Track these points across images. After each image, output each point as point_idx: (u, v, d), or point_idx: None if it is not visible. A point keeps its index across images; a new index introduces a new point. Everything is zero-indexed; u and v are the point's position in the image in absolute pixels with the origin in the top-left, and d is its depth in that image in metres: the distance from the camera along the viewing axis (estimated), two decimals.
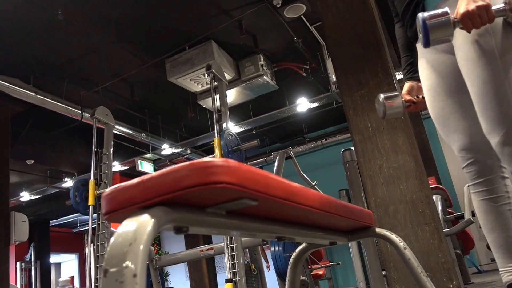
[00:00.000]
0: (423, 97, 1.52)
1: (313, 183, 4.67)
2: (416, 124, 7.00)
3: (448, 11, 1.09)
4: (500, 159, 1.18)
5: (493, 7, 1.07)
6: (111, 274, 0.52)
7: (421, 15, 1.10)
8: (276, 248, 3.88)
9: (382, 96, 1.44)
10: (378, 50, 3.46)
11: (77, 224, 13.01)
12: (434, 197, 4.16)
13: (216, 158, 0.62)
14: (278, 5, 4.52)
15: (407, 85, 1.54)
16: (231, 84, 5.48)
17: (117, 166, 8.07)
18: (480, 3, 1.05)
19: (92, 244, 3.68)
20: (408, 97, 1.51)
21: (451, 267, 3.25)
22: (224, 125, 3.74)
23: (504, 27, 1.16)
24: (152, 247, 7.14)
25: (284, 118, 7.18)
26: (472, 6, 1.05)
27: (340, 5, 3.53)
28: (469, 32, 1.12)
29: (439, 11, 1.10)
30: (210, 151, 8.40)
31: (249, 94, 5.80)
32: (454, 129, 1.34)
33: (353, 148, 5.20)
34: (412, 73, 1.47)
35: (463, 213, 5.21)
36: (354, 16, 3.55)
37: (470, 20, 1.06)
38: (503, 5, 1.07)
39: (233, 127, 7.08)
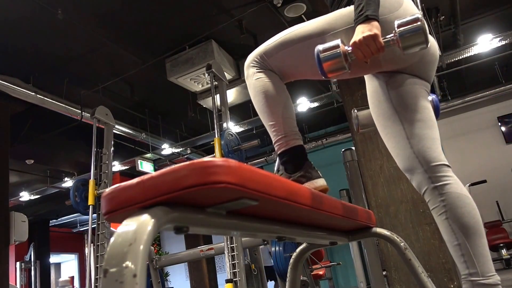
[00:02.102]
0: None
1: None
2: None
3: (340, 44, 1.13)
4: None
5: (383, 38, 1.11)
6: (111, 274, 0.51)
7: (317, 47, 1.15)
8: (277, 248, 3.88)
9: (355, 111, 1.46)
10: None
11: (77, 224, 13.01)
12: None
13: (216, 158, 0.62)
14: (279, 5, 4.52)
15: None
16: (232, 83, 5.47)
17: (117, 166, 8.07)
18: (367, 33, 1.10)
19: (92, 244, 3.68)
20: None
21: (451, 267, 3.25)
22: (225, 124, 3.74)
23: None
24: (152, 247, 7.15)
25: None
26: (359, 37, 1.10)
27: None
28: (366, 62, 1.16)
29: (332, 43, 1.14)
30: (210, 151, 8.40)
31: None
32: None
33: (353, 148, 5.20)
34: None
35: None
36: None
37: (359, 50, 1.11)
38: (392, 35, 1.10)
39: (233, 127, 7.07)
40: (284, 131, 1.31)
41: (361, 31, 1.11)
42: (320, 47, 1.15)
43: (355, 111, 1.50)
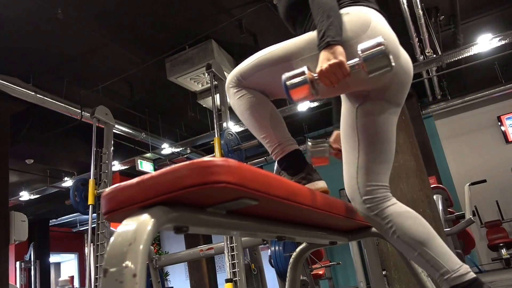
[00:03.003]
0: None
1: None
2: (416, 123, 7.00)
3: (306, 71, 1.13)
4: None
5: (348, 63, 1.11)
6: (111, 273, 0.51)
7: (283, 75, 1.15)
8: (276, 248, 3.88)
9: (309, 143, 1.48)
10: None
11: (76, 223, 13.01)
12: (434, 196, 4.17)
13: (216, 158, 0.62)
14: None
15: (334, 133, 1.61)
16: None
17: (117, 166, 8.07)
18: (333, 61, 1.10)
19: (92, 244, 3.68)
20: (334, 145, 1.56)
21: None
22: (224, 124, 3.74)
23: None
24: (152, 247, 7.14)
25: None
26: (325, 65, 1.11)
27: None
28: (333, 86, 1.16)
29: (298, 71, 1.14)
30: (210, 150, 8.40)
31: None
32: None
33: None
34: (339, 122, 1.50)
35: (464, 213, 5.21)
36: None
37: (326, 78, 1.12)
38: (357, 59, 1.10)
39: (233, 127, 7.07)
40: (277, 140, 1.34)
41: (326, 58, 1.11)
42: (286, 74, 1.15)
43: (309, 143, 1.49)
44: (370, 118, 1.29)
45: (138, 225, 0.55)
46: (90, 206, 3.86)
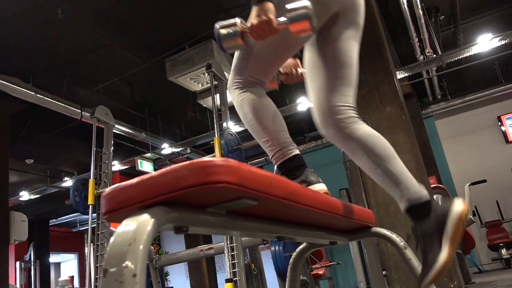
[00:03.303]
0: (300, 72, 1.63)
1: None
2: (416, 123, 7.00)
3: (238, 22, 1.19)
4: None
5: (277, 21, 1.17)
6: (111, 274, 0.51)
7: (217, 24, 1.22)
8: (276, 248, 3.88)
9: (217, 25, 1.48)
10: (379, 49, 3.46)
11: (76, 223, 13.01)
12: (435, 196, 4.15)
13: (216, 158, 0.62)
14: None
15: None
16: None
17: (117, 166, 8.07)
18: (263, 18, 1.16)
19: (91, 244, 3.68)
20: (283, 70, 1.63)
21: (452, 267, 3.25)
22: (224, 124, 3.74)
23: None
24: (152, 247, 7.14)
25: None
26: (255, 21, 1.18)
27: None
28: (261, 40, 1.23)
29: (231, 21, 1.20)
30: (210, 150, 8.40)
31: None
32: None
33: None
34: None
35: None
36: None
37: (255, 33, 1.19)
38: (285, 19, 1.16)
39: (233, 127, 7.07)
40: (278, 145, 1.36)
41: (256, 14, 1.17)
42: (219, 23, 1.21)
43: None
44: (331, 45, 1.38)
45: (138, 225, 0.55)
46: (90, 206, 3.85)
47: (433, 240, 1.20)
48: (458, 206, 1.20)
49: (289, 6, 1.15)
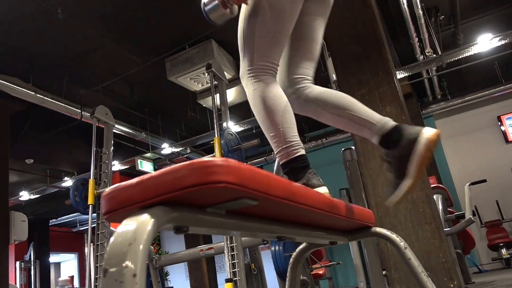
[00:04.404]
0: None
1: None
2: (416, 123, 7.00)
3: None
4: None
5: None
6: (111, 273, 0.51)
7: (202, 0, 1.29)
8: (276, 248, 3.88)
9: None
10: (379, 49, 3.46)
11: (76, 223, 13.01)
12: (434, 196, 4.16)
13: (216, 158, 0.62)
14: None
15: None
16: (231, 83, 5.47)
17: (117, 166, 8.07)
18: None
19: (91, 244, 3.68)
20: None
21: (451, 267, 3.25)
22: (224, 124, 3.73)
23: None
24: (152, 247, 7.14)
25: None
26: None
27: (340, 4, 3.52)
28: (244, 4, 1.30)
29: None
30: (210, 150, 8.40)
31: None
32: None
33: (353, 147, 5.20)
34: None
35: (464, 213, 5.21)
36: (354, 15, 3.55)
37: None
38: None
39: (233, 126, 7.07)
40: (284, 142, 1.34)
41: None
42: (203, 0, 1.27)
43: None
44: (307, 17, 1.45)
45: (138, 225, 0.55)
46: (90, 206, 3.85)
47: (401, 165, 1.23)
48: (427, 132, 1.22)
49: None
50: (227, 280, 3.07)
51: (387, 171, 1.31)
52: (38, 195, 9.30)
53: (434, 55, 5.69)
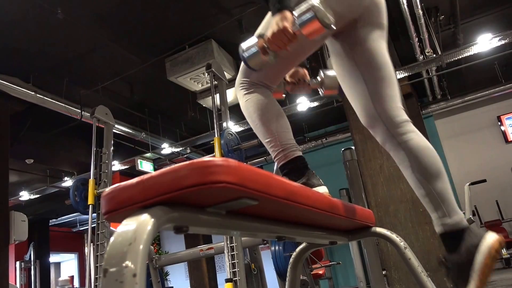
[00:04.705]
0: (307, 83, 1.59)
1: None
2: (416, 123, 6.99)
3: (256, 39, 1.18)
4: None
5: (292, 27, 1.14)
6: (111, 273, 0.51)
7: (240, 46, 1.21)
8: (276, 248, 3.88)
9: (322, 72, 1.48)
10: None
11: (76, 223, 13.01)
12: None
13: (216, 158, 0.62)
14: None
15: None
16: (231, 83, 5.46)
17: (116, 166, 8.07)
18: (276, 27, 1.14)
19: (91, 244, 3.68)
20: (290, 79, 1.59)
21: None
22: (224, 124, 3.74)
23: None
24: (152, 247, 7.14)
25: None
26: (269, 31, 1.15)
27: None
28: (282, 50, 1.20)
29: (251, 41, 1.20)
30: (210, 150, 8.40)
31: None
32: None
33: (353, 147, 5.20)
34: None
35: (464, 213, 5.21)
36: None
37: (273, 44, 1.16)
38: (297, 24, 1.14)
39: (233, 126, 7.07)
40: (281, 146, 1.35)
41: (272, 25, 1.15)
42: (241, 45, 1.20)
43: (321, 72, 1.50)
44: (362, 46, 1.33)
45: (138, 225, 0.55)
46: (90, 206, 3.86)
47: (462, 272, 1.13)
48: (490, 239, 1.15)
49: (296, 10, 1.12)
50: (227, 280, 3.07)
51: (445, 276, 1.20)
52: (38, 195, 9.30)
53: (434, 55, 5.69)
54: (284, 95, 1.57)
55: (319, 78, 1.55)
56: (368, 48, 1.32)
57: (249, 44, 1.19)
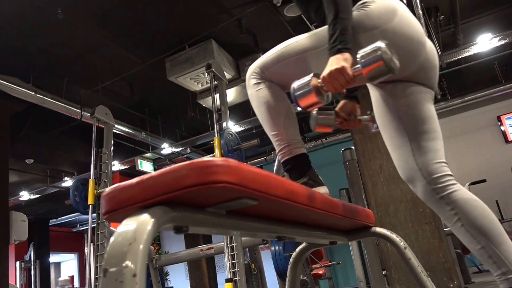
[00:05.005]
0: (357, 118, 1.53)
1: None
2: None
3: (311, 79, 1.13)
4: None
5: (353, 68, 1.10)
6: (111, 273, 0.51)
7: (292, 84, 1.16)
8: (276, 248, 3.88)
9: (314, 111, 1.45)
10: None
11: (76, 223, 13.01)
12: None
13: (216, 158, 0.62)
14: (278, 4, 4.52)
15: (341, 102, 1.56)
16: (231, 83, 5.47)
17: (116, 166, 8.07)
18: (334, 67, 1.09)
19: (91, 244, 3.68)
20: (341, 114, 1.52)
21: (451, 267, 3.25)
22: (224, 124, 3.74)
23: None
24: (152, 247, 7.14)
25: None
26: (327, 71, 1.11)
27: None
28: (341, 92, 1.16)
29: (305, 79, 1.15)
30: (210, 150, 8.40)
31: None
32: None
33: (353, 147, 5.20)
34: (350, 92, 1.49)
35: None
36: None
37: (329, 84, 1.11)
38: (358, 66, 1.09)
39: (233, 126, 7.07)
40: (287, 140, 1.33)
41: (330, 64, 1.11)
42: (294, 84, 1.15)
43: (314, 111, 1.44)
44: (406, 99, 1.28)
45: (138, 225, 0.55)
46: (90, 206, 3.85)
47: None
48: None
49: (361, 51, 1.08)
50: (227, 280, 3.07)
51: None
52: (38, 195, 9.30)
53: None
54: (331, 129, 1.50)
55: (370, 114, 1.50)
56: (412, 101, 1.28)
57: (302, 83, 1.14)
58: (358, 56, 1.08)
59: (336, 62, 1.10)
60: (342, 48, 1.11)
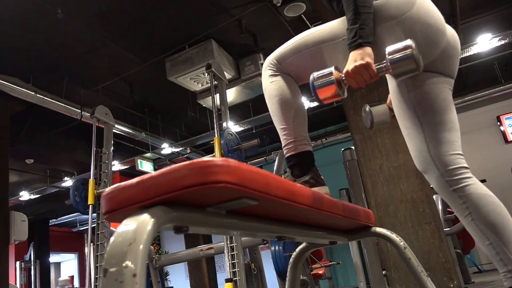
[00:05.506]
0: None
1: None
2: None
3: (333, 71, 1.12)
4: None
5: (376, 65, 1.10)
6: (111, 273, 0.51)
7: (312, 74, 1.15)
8: (276, 248, 3.88)
9: (368, 106, 1.43)
10: None
11: (76, 223, 13.01)
12: (434, 196, 4.17)
13: (216, 158, 0.62)
14: (278, 4, 4.52)
15: (389, 96, 1.54)
16: (231, 83, 5.47)
17: (117, 166, 8.07)
18: (359, 62, 1.09)
19: (91, 244, 3.68)
20: (391, 107, 1.49)
21: (451, 267, 3.26)
22: (224, 124, 3.73)
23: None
24: (152, 247, 7.14)
25: None
26: (352, 66, 1.10)
27: None
28: (361, 87, 1.15)
29: (326, 71, 1.14)
30: (210, 150, 8.40)
31: (249, 93, 5.80)
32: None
33: (353, 147, 5.20)
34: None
35: None
36: None
37: (352, 79, 1.11)
38: (385, 62, 1.08)
39: (233, 126, 7.07)
40: (294, 136, 1.33)
41: (354, 59, 1.10)
42: (314, 74, 1.15)
43: (367, 106, 1.44)
44: (422, 88, 1.27)
45: (138, 225, 0.55)
46: (90, 206, 3.85)
47: None
48: None
49: (389, 48, 1.07)
50: (227, 280, 3.07)
51: None
52: (38, 195, 9.30)
53: None
54: (389, 123, 1.48)
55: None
56: (427, 92, 1.27)
57: (322, 74, 1.13)
58: (386, 52, 1.08)
59: (360, 57, 1.10)
60: (363, 42, 1.11)
